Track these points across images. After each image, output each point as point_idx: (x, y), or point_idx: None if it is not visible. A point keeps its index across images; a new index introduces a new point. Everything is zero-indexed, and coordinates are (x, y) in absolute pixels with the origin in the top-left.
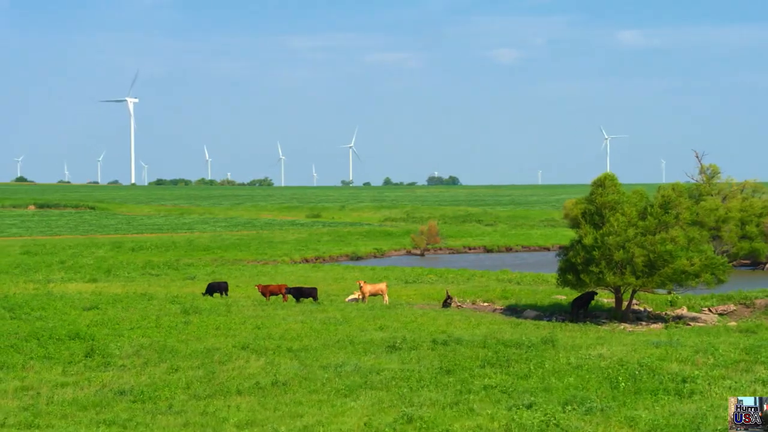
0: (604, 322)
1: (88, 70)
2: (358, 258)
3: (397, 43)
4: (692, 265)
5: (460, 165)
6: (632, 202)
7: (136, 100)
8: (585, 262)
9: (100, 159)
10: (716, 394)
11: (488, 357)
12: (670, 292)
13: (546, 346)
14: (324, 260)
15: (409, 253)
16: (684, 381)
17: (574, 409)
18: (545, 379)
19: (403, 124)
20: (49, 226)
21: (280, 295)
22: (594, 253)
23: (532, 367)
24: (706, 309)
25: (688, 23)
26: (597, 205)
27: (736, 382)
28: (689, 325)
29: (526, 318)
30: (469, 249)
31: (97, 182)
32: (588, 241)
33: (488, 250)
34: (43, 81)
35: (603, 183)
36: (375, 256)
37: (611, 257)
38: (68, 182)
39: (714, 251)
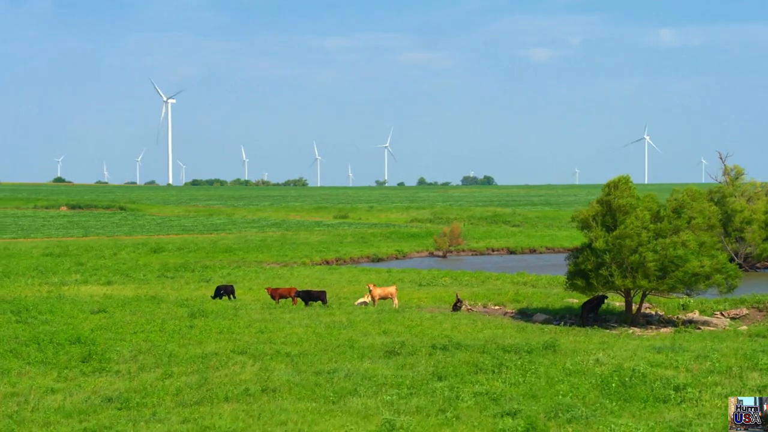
0: (613, 326)
1: (127, 71)
2: (379, 260)
3: (432, 43)
4: (702, 267)
5: (495, 165)
6: (645, 206)
7: (174, 101)
8: (595, 266)
9: (138, 159)
10: (706, 401)
11: (484, 363)
12: (688, 295)
13: (546, 351)
14: (344, 262)
15: (431, 254)
16: (675, 388)
17: (558, 416)
18: (536, 386)
19: (438, 123)
20: (77, 227)
21: (290, 298)
22: (605, 256)
23: (525, 374)
24: (718, 313)
25: (725, 21)
26: (611, 207)
27: (727, 390)
28: (699, 329)
29: (535, 322)
30: (493, 251)
31: (134, 182)
32: (599, 244)
33: (512, 252)
34: (83, 81)
35: (617, 185)
36: (396, 258)
37: (623, 261)
38: (105, 183)
39: (737, 253)
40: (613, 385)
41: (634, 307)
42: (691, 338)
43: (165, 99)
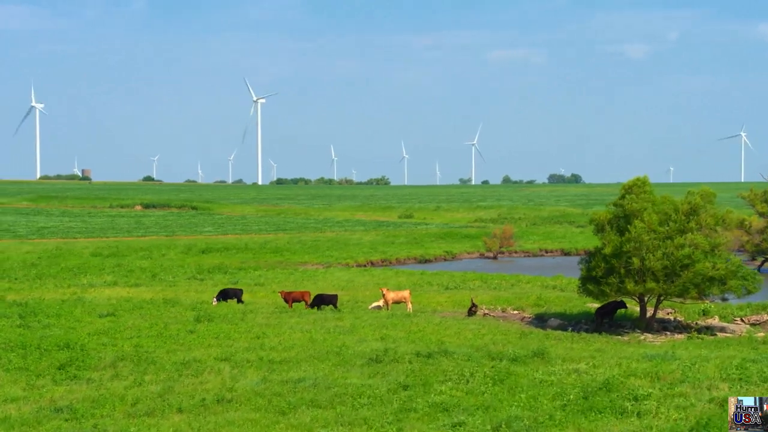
0: (626, 332)
1: (222, 70)
2: (426, 261)
3: (522, 39)
4: (716, 269)
5: (585, 162)
6: (656, 210)
7: (264, 101)
8: (606, 271)
9: (231, 158)
10: (662, 414)
11: (458, 371)
12: (724, 298)
13: (533, 359)
14: (390, 263)
15: (482, 255)
16: (636, 399)
17: (500, 429)
18: (498, 397)
19: (526, 121)
20: (140, 227)
21: (303, 302)
22: (613, 261)
23: (493, 383)
24: (738, 319)
25: None
26: (625, 211)
27: (688, 401)
28: (715, 335)
29: (548, 327)
30: (546, 252)
31: (224, 181)
32: (608, 250)
33: (566, 253)
34: (180, 81)
35: (631, 189)
36: (445, 259)
37: (630, 265)
38: (194, 181)
39: None
40: (572, 396)
41: (650, 312)
42: (692, 346)
43: (255, 98)
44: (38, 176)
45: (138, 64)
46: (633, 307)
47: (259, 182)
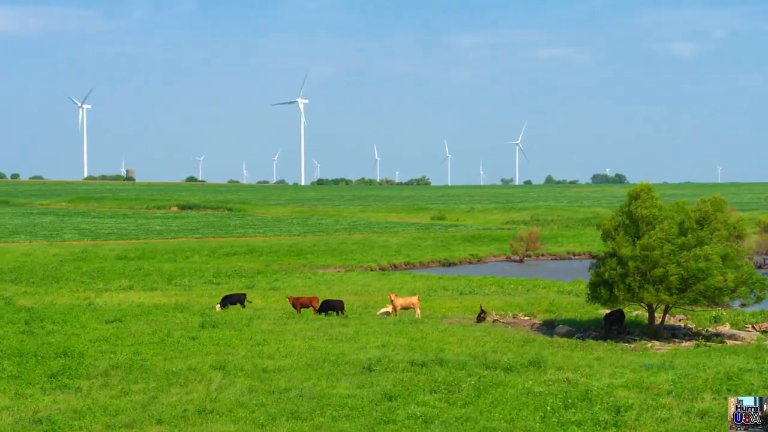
0: (634, 340)
1: (264, 71)
2: (451, 264)
3: (567, 38)
4: (725, 280)
5: (630, 162)
6: (671, 217)
7: (306, 101)
8: (620, 276)
9: (275, 159)
10: (640, 426)
11: (446, 381)
12: (743, 304)
13: (528, 368)
14: (413, 266)
15: (508, 258)
16: (618, 411)
17: None
18: (480, 408)
19: (570, 120)
20: (171, 228)
21: (311, 308)
22: (630, 263)
23: (479, 394)
24: (749, 326)
25: None
26: (633, 218)
27: (669, 413)
28: (724, 342)
29: (556, 334)
30: (574, 255)
31: (267, 181)
32: (625, 252)
33: (593, 256)
34: (226, 81)
35: (638, 195)
36: (470, 262)
37: (647, 272)
38: (237, 182)
39: None
40: (555, 408)
41: (658, 319)
42: (693, 354)
43: (297, 98)
44: (85, 176)
45: (184, 65)
46: (642, 312)
47: (302, 182)
